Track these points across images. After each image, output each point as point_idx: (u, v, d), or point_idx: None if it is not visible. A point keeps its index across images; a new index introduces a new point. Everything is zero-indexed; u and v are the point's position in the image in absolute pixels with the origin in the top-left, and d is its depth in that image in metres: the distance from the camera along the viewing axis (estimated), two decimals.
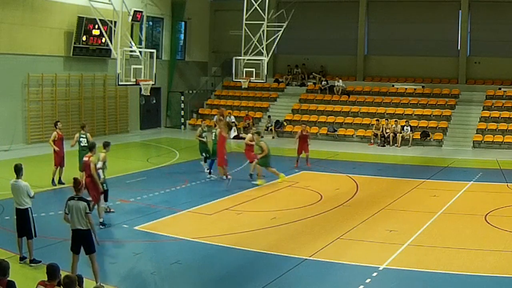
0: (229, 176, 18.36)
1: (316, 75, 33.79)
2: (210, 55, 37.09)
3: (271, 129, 30.56)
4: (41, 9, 25.26)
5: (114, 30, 21.89)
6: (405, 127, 27.99)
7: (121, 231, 13.12)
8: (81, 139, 17.44)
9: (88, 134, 17.64)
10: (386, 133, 27.99)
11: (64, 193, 16.31)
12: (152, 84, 22.13)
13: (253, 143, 18.81)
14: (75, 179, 10.12)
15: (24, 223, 10.62)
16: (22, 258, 10.69)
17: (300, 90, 33.67)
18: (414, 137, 27.85)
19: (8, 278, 7.01)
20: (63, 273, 7.47)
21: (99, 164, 13.70)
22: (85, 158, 13.59)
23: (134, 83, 21.14)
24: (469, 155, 25.35)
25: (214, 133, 19.28)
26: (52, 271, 7.05)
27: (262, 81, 28.08)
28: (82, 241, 9.63)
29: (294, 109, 32.05)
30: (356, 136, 29.43)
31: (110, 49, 23.17)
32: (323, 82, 32.99)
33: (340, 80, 32.39)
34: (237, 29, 27.71)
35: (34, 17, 25.00)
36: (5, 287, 6.88)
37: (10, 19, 23.96)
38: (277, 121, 31.09)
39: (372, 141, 28.08)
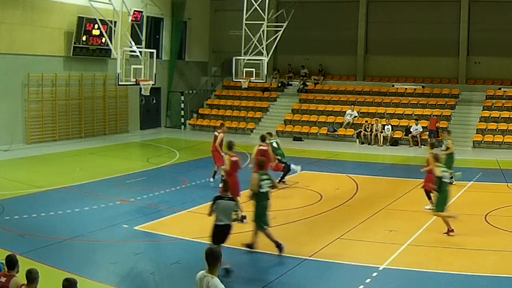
0: None
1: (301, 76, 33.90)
2: (210, 55, 37.07)
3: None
4: (41, 9, 25.25)
5: (114, 30, 21.91)
6: (386, 127, 28.07)
7: (121, 231, 13.10)
8: (272, 142, 17.99)
9: (278, 140, 18.41)
10: (371, 132, 28.15)
11: (63, 193, 16.39)
12: (152, 84, 22.16)
13: None
14: (224, 181, 11.61)
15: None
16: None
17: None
18: (416, 138, 27.73)
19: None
20: (64, 274, 7.49)
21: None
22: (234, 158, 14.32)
23: (134, 83, 21.17)
24: (469, 155, 25.28)
25: None
26: (10, 261, 7.18)
27: (262, 81, 28.07)
28: (221, 233, 10.48)
29: (294, 109, 32.05)
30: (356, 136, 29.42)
31: (110, 49, 23.18)
32: (303, 84, 33.07)
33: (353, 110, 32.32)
34: (237, 29, 27.70)
35: (34, 17, 24.98)
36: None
37: (10, 19, 23.95)
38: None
39: (357, 140, 28.34)
